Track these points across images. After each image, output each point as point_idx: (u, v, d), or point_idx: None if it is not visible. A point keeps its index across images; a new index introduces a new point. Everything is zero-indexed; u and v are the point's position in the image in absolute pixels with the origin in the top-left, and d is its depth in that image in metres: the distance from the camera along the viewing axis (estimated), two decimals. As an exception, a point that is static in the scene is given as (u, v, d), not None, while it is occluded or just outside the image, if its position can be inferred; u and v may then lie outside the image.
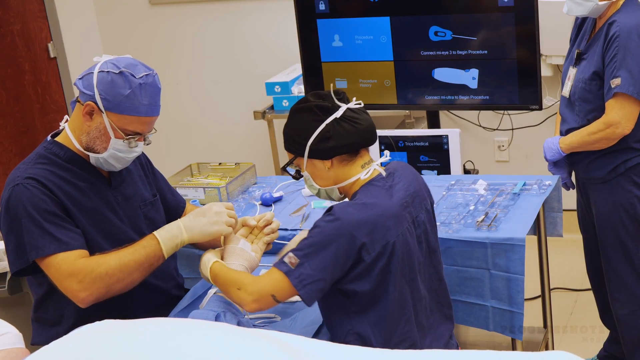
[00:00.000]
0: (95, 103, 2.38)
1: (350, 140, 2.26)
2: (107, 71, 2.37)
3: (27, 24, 5.06)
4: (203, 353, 1.29)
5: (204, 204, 3.03)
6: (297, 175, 2.36)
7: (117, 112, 2.38)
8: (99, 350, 1.32)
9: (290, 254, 2.18)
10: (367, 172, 2.30)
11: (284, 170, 2.40)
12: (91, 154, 2.45)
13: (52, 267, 2.38)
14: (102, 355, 1.30)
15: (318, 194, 2.37)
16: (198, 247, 2.72)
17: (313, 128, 2.25)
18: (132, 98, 2.36)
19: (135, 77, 2.37)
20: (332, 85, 2.33)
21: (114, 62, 2.40)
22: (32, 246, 2.37)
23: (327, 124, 2.24)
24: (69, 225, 2.41)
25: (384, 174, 2.31)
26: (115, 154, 2.43)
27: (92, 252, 2.44)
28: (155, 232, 2.46)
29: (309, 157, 2.28)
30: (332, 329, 2.32)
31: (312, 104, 2.27)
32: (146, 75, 2.38)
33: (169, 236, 2.44)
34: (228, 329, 1.44)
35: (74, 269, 2.35)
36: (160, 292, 2.64)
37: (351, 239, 2.16)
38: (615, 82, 2.95)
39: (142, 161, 2.71)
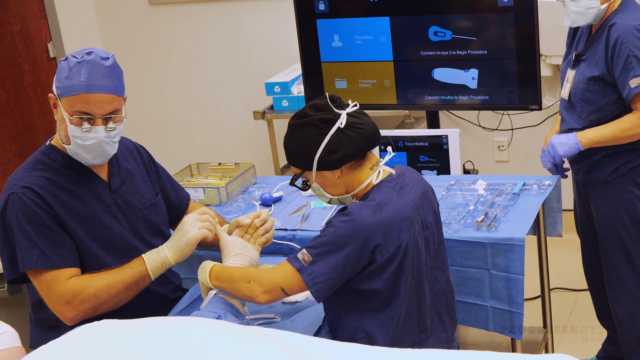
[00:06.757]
0: (54, 94, 2.39)
1: (357, 147, 2.25)
2: (61, 60, 2.39)
3: (27, 24, 5.06)
4: (204, 352, 1.29)
5: (205, 204, 3.03)
6: (305, 187, 2.36)
7: (64, 96, 2.36)
8: (97, 350, 1.31)
9: (304, 251, 2.20)
10: (378, 175, 2.30)
11: (291, 185, 2.39)
12: (67, 148, 2.43)
13: (41, 284, 2.39)
14: (101, 355, 1.29)
15: (330, 202, 2.38)
16: (203, 247, 2.71)
17: (318, 142, 2.24)
18: (71, 77, 2.34)
19: (76, 57, 2.35)
20: (326, 92, 2.32)
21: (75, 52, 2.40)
22: (22, 258, 2.37)
23: (331, 136, 2.23)
24: (62, 239, 2.41)
25: (394, 172, 2.32)
26: (76, 141, 2.38)
27: (88, 261, 2.45)
28: (143, 255, 2.48)
29: (318, 169, 2.28)
30: (340, 327, 2.32)
31: (314, 118, 2.25)
32: (87, 53, 2.36)
33: (155, 257, 2.47)
34: (229, 327, 1.43)
35: (63, 289, 2.37)
36: (158, 297, 2.64)
37: (365, 241, 2.17)
38: (636, 81, 2.94)
39: (145, 159, 2.70)
